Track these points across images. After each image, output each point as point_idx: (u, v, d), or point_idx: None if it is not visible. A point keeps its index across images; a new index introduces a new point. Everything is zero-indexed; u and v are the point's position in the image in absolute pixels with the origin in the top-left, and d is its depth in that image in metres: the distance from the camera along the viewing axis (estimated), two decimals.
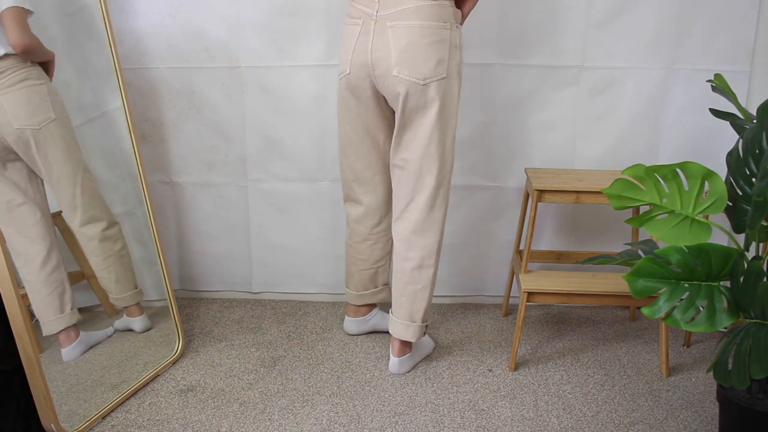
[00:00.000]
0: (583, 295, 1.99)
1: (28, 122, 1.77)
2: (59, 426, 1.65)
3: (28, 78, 1.77)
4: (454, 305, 2.48)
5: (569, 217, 2.37)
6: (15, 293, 1.56)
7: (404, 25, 1.71)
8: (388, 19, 1.72)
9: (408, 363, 2.02)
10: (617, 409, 1.84)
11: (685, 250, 1.46)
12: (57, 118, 1.82)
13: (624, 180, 1.59)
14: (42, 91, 1.80)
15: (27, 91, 1.77)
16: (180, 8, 2.20)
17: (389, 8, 1.72)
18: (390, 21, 1.72)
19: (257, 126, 2.30)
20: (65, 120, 1.85)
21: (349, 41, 1.79)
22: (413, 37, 1.71)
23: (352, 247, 2.09)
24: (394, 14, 1.71)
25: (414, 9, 1.70)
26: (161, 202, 2.41)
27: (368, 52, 1.75)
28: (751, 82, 2.17)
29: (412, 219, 1.88)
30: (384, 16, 1.72)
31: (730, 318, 1.45)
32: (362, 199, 2.01)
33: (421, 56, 1.72)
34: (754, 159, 1.51)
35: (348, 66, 1.80)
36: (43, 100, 1.80)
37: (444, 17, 1.73)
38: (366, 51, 1.76)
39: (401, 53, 1.71)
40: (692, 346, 2.19)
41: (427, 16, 1.70)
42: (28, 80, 1.77)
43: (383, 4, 1.72)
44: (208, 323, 2.35)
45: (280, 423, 1.78)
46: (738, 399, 1.56)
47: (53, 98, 1.83)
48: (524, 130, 2.27)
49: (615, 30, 2.14)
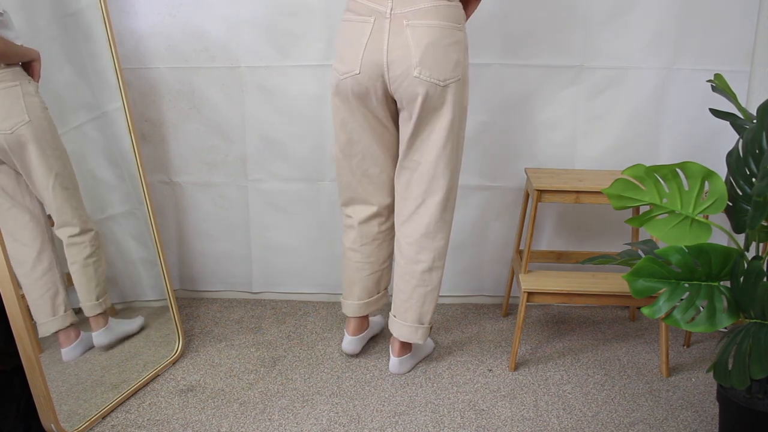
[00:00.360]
0: (583, 295, 1.99)
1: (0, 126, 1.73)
2: (59, 426, 1.65)
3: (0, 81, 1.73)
4: (454, 305, 2.48)
5: (569, 217, 2.37)
6: (15, 293, 1.56)
7: (423, 24, 1.67)
8: (404, 17, 1.67)
9: (408, 363, 2.02)
10: (617, 409, 1.84)
11: (685, 250, 1.46)
12: (31, 120, 1.77)
13: (624, 180, 1.59)
14: (15, 93, 1.74)
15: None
16: (180, 8, 2.20)
17: (405, 6, 1.67)
18: (407, 20, 1.67)
19: (257, 126, 2.30)
20: (41, 122, 1.79)
21: (358, 39, 1.71)
22: (433, 37, 1.67)
23: (357, 251, 2.01)
24: (412, 13, 1.67)
25: (433, 8, 1.66)
26: (161, 202, 2.41)
27: (383, 51, 1.69)
28: (751, 82, 2.17)
29: (423, 222, 1.86)
30: (400, 14, 1.67)
31: (730, 318, 1.45)
32: (372, 198, 1.95)
33: (441, 57, 1.68)
34: (754, 159, 1.51)
35: (358, 65, 1.72)
36: (15, 103, 1.74)
37: (458, 18, 1.71)
38: (381, 50, 1.69)
39: (423, 54, 1.67)
40: (692, 346, 2.19)
41: (444, 16, 1.68)
42: (1, 83, 1.73)
43: (398, 2, 1.67)
44: (208, 323, 2.35)
45: (280, 423, 1.78)
46: (738, 399, 1.56)
47: (29, 100, 1.77)
48: (524, 130, 2.27)
49: (615, 30, 2.14)
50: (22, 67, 1.80)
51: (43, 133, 1.80)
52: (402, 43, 1.68)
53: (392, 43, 1.68)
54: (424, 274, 1.90)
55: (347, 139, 1.87)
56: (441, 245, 1.89)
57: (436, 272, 1.91)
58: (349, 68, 1.74)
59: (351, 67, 1.74)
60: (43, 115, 1.80)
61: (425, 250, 1.88)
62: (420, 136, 1.79)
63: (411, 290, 1.92)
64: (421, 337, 1.96)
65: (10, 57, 1.74)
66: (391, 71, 1.71)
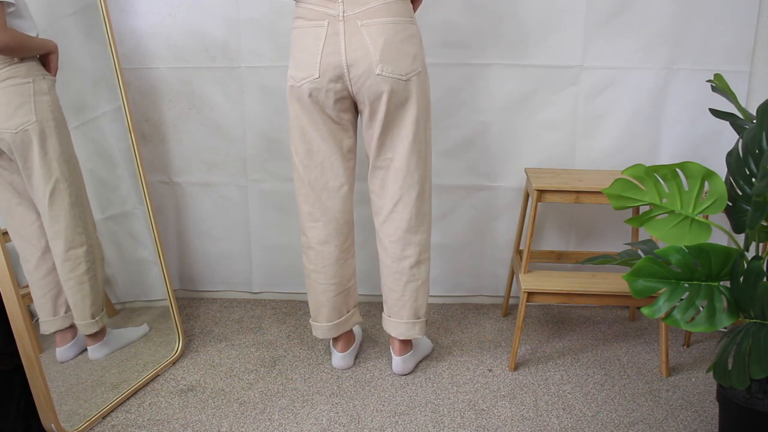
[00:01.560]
0: (583, 295, 1.99)
1: (5, 125, 1.68)
2: (59, 426, 1.65)
3: (13, 76, 1.67)
4: (454, 305, 2.48)
5: (569, 217, 2.37)
6: (15, 293, 1.56)
7: (377, 22, 1.68)
8: (357, 18, 1.68)
9: (411, 361, 2.02)
10: (617, 409, 1.84)
11: (685, 250, 1.46)
12: (38, 121, 1.71)
13: (624, 180, 1.59)
14: (26, 91, 1.69)
15: (9, 91, 1.67)
16: (180, 8, 2.20)
17: (356, 7, 1.68)
18: (361, 20, 1.68)
19: (257, 126, 2.30)
20: (48, 123, 1.74)
21: (313, 44, 1.70)
22: (389, 33, 1.69)
23: (320, 273, 1.92)
24: (364, 13, 1.68)
25: (383, 6, 1.68)
26: (161, 202, 2.41)
27: (341, 53, 1.69)
28: (751, 82, 2.17)
29: (404, 218, 1.86)
30: (353, 15, 1.68)
31: (730, 318, 1.45)
32: (330, 214, 1.88)
33: (400, 52, 1.70)
34: (754, 159, 1.51)
35: (316, 69, 1.70)
36: (24, 102, 1.69)
37: (409, 13, 1.74)
38: (339, 52, 1.69)
39: (382, 51, 1.68)
40: (692, 346, 2.19)
41: (396, 12, 1.69)
42: (13, 78, 1.67)
43: (349, 4, 1.67)
44: (208, 323, 2.35)
45: (280, 423, 1.78)
46: (738, 399, 1.56)
47: (39, 99, 1.71)
48: (524, 130, 2.27)
49: (615, 30, 2.14)
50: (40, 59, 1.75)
51: (49, 135, 1.75)
52: (359, 43, 1.69)
53: (350, 45, 1.69)
54: (413, 268, 1.90)
55: (306, 150, 1.83)
56: (424, 237, 1.90)
57: (424, 265, 1.92)
58: (307, 74, 1.72)
59: (309, 73, 1.72)
60: (52, 116, 1.75)
61: (410, 245, 1.88)
62: (390, 134, 1.80)
63: (402, 288, 1.92)
64: (419, 332, 1.96)
65: (24, 51, 1.68)
66: (352, 72, 1.71)
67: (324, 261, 1.92)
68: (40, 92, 1.72)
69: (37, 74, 1.73)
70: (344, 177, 1.87)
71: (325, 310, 1.97)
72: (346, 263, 1.96)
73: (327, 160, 1.84)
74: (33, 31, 1.72)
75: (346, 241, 1.94)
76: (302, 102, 1.77)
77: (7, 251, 1.57)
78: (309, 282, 1.97)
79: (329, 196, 1.88)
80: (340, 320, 1.99)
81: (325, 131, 1.81)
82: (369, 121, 1.79)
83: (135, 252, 2.16)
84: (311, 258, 1.93)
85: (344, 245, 1.94)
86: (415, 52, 1.74)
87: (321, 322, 1.99)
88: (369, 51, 1.68)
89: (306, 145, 1.83)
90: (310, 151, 1.83)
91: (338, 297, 1.96)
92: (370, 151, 1.85)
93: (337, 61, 1.70)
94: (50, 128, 1.75)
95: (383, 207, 1.88)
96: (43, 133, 1.73)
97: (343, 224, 1.91)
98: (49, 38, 1.80)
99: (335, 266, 1.93)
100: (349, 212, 1.92)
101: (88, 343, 1.93)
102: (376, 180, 1.87)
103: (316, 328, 2.01)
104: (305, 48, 1.72)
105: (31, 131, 1.71)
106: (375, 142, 1.81)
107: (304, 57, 1.73)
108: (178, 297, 2.52)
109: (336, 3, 1.68)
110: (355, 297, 2.03)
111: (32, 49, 1.72)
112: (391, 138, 1.80)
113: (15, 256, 1.81)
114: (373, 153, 1.84)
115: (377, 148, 1.82)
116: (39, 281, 1.82)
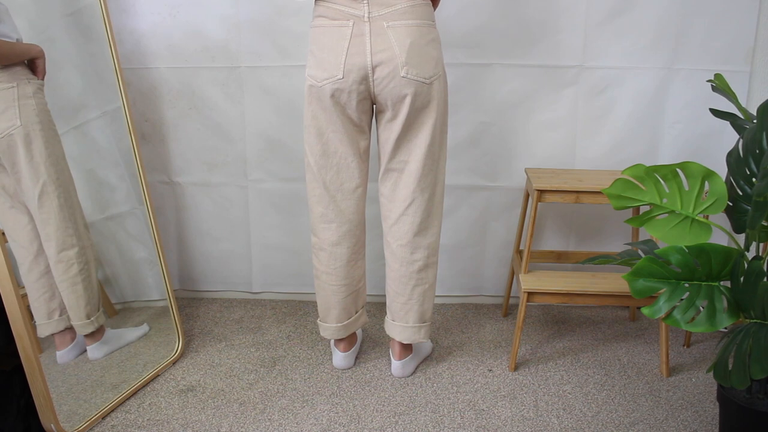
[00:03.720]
0: (583, 295, 1.99)
1: None
2: (59, 426, 1.65)
3: None
4: (454, 305, 2.48)
5: (569, 217, 2.37)
6: (15, 293, 1.56)
7: (403, 24, 1.68)
8: (383, 19, 1.67)
9: (411, 365, 2.01)
10: (617, 409, 1.84)
11: (685, 250, 1.45)
12: (23, 125, 1.69)
13: (624, 180, 1.59)
14: (10, 96, 1.67)
15: None
16: (180, 8, 2.20)
17: (382, 9, 1.67)
18: (387, 21, 1.67)
19: (257, 126, 2.30)
20: (34, 126, 1.72)
21: (337, 44, 1.69)
22: (415, 36, 1.68)
23: (331, 274, 1.92)
24: (390, 14, 1.68)
25: (409, 8, 1.68)
26: (161, 202, 2.41)
27: (367, 54, 1.68)
28: (751, 82, 2.17)
29: (415, 221, 1.85)
30: (378, 16, 1.67)
31: (730, 318, 1.45)
32: (344, 216, 1.88)
33: (424, 55, 1.70)
34: (754, 159, 1.51)
35: (340, 70, 1.69)
36: (9, 106, 1.67)
37: (432, 16, 1.73)
38: (364, 53, 1.68)
39: (408, 53, 1.67)
40: (692, 346, 2.19)
41: (421, 15, 1.69)
42: None
43: (374, 5, 1.67)
44: (208, 323, 2.35)
45: (280, 423, 1.78)
46: (738, 399, 1.56)
47: (24, 103, 1.69)
48: (524, 130, 2.27)
49: (615, 30, 2.14)
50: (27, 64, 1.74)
51: (35, 139, 1.73)
52: (385, 44, 1.68)
53: (375, 46, 1.68)
54: (421, 272, 1.89)
55: (323, 151, 1.82)
56: (434, 241, 1.89)
57: (431, 268, 1.91)
58: (330, 74, 1.71)
59: (332, 73, 1.70)
60: (37, 119, 1.74)
61: (419, 249, 1.87)
62: (407, 136, 1.79)
63: (410, 292, 1.90)
64: (425, 335, 1.96)
65: (7, 58, 1.67)
66: (376, 73, 1.69)
67: (336, 263, 1.91)
68: (24, 96, 1.71)
69: (21, 78, 1.72)
70: (360, 178, 1.87)
71: (335, 311, 1.96)
72: (356, 264, 1.95)
73: (343, 161, 1.83)
74: (14, 36, 1.71)
75: (358, 242, 1.93)
76: (322, 102, 1.75)
77: (7, 252, 1.57)
78: (319, 283, 1.96)
79: (344, 197, 1.87)
80: (349, 321, 1.99)
81: (342, 132, 1.79)
82: (389, 122, 1.78)
83: (135, 252, 2.16)
84: (323, 259, 1.92)
85: (356, 246, 1.93)
86: (437, 56, 1.73)
87: (330, 323, 1.99)
88: (395, 53, 1.68)
89: (322, 146, 1.81)
90: (327, 152, 1.82)
91: (348, 298, 1.96)
92: (385, 153, 1.83)
93: (361, 62, 1.69)
94: (35, 132, 1.74)
95: (393, 210, 1.87)
96: (28, 137, 1.72)
97: (356, 225, 1.91)
98: (49, 38, 1.80)
99: (346, 267, 1.92)
100: (362, 213, 1.92)
101: (87, 343, 1.92)
102: (387, 182, 1.86)
103: (325, 329, 2.00)
104: (327, 47, 1.71)
105: (16, 135, 1.70)
106: (392, 144, 1.80)
107: (327, 57, 1.71)
108: (178, 297, 2.52)
109: (361, 3, 1.67)
110: (363, 297, 2.03)
111: (17, 55, 1.71)
112: (408, 140, 1.79)
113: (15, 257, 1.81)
114: (388, 155, 1.83)
115: (393, 151, 1.81)
116: (32, 284, 1.81)
